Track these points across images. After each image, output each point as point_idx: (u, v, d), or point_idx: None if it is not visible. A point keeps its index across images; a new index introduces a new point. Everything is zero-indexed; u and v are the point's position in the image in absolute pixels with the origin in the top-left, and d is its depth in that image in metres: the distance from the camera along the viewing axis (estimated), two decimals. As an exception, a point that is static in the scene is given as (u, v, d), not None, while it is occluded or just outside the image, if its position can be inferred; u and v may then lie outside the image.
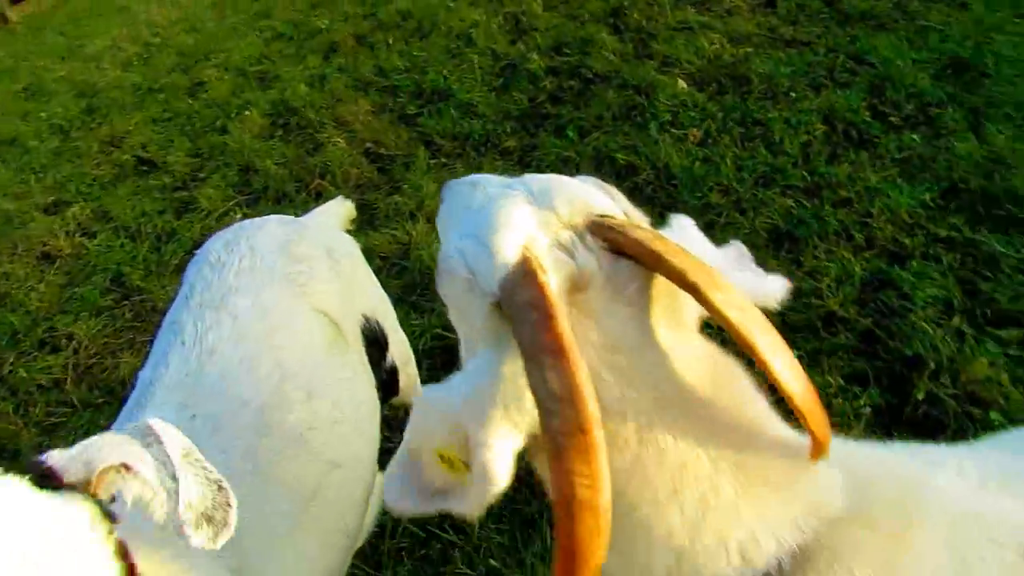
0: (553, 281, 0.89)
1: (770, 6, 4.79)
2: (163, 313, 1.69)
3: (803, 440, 0.97)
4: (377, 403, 1.91)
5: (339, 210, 2.40)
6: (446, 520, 2.35)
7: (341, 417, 1.65)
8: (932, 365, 2.42)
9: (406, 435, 0.96)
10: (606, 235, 0.92)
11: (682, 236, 1.11)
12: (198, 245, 4.17)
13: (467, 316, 0.98)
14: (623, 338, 0.91)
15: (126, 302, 3.85)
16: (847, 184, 3.28)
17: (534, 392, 0.82)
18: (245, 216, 4.15)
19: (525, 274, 0.88)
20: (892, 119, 3.61)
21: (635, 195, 3.55)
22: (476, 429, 0.89)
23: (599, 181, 1.09)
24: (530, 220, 0.95)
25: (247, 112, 5.18)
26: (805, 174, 3.41)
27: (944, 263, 2.80)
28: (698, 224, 3.42)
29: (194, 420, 1.36)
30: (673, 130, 3.86)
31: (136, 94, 6.38)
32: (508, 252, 0.91)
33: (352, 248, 2.01)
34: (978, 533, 0.99)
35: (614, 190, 1.09)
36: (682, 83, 4.20)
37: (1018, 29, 3.92)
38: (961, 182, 3.13)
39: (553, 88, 4.48)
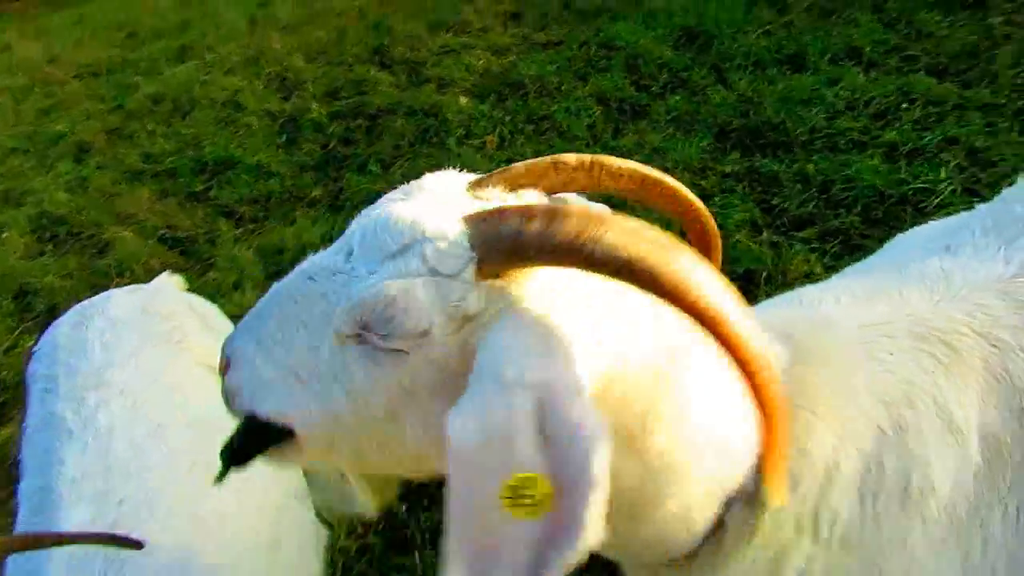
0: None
1: (516, 18, 5.17)
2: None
3: None
4: None
5: (170, 282, 2.24)
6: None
7: None
8: (763, 274, 2.75)
9: (453, 531, 0.75)
10: (479, 189, 0.96)
11: None
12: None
13: (449, 315, 0.85)
14: None
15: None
16: (637, 150, 3.62)
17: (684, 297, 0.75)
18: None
19: (507, 215, 0.81)
20: (653, 89, 4.05)
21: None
22: (547, 387, 0.75)
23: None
24: (430, 203, 0.91)
25: (4, 235, 4.58)
26: (599, 151, 3.70)
27: (739, 192, 3.18)
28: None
29: (122, 505, 1.20)
30: (470, 141, 4.02)
31: None
32: (453, 226, 0.85)
33: (210, 304, 1.88)
34: (876, 335, 1.16)
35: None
36: (463, 99, 4.39)
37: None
38: (726, 125, 3.58)
39: (341, 131, 4.47)
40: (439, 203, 0.92)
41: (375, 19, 5.54)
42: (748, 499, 1.05)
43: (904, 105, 3.33)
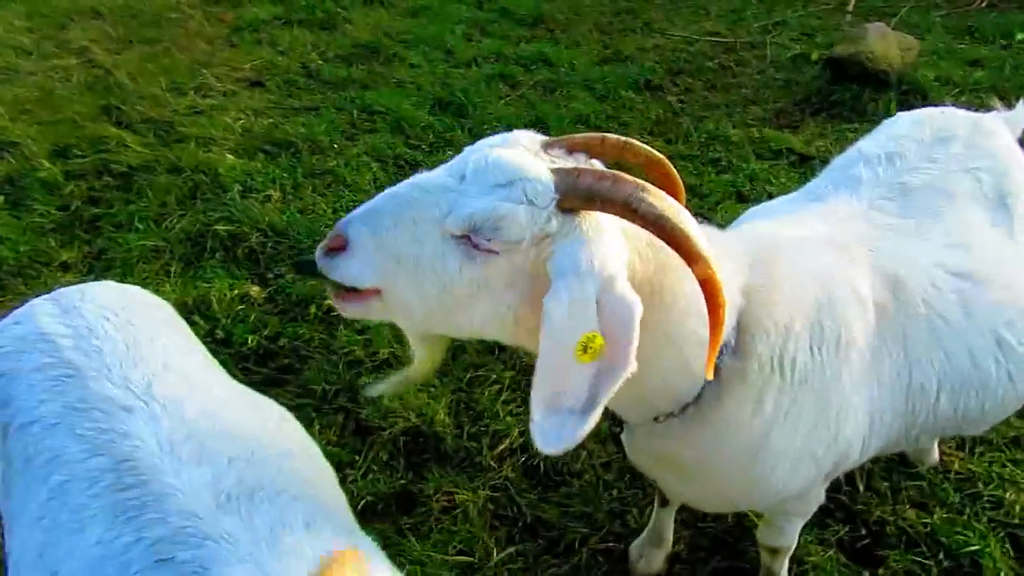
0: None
1: (260, 85, 5.20)
2: None
3: None
4: None
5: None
6: None
7: None
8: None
9: (539, 378, 1.16)
10: (549, 148, 1.32)
11: None
12: None
13: (535, 233, 1.20)
14: None
15: None
16: (427, 197, 3.94)
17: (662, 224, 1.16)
18: None
19: (583, 173, 1.21)
20: (423, 147, 4.44)
21: (252, 258, 3.55)
22: (604, 277, 1.15)
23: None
24: (524, 153, 1.26)
25: None
26: (392, 198, 3.95)
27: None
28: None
29: (233, 463, 1.14)
30: (253, 195, 3.93)
31: None
32: (545, 173, 1.21)
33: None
34: (804, 244, 1.65)
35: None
36: (230, 156, 4.27)
37: (469, 75, 5.25)
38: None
39: (83, 192, 4.00)
40: (530, 154, 1.28)
41: (91, 78, 5.08)
42: (733, 351, 1.43)
43: (634, 156, 4.21)
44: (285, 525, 1.04)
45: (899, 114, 2.06)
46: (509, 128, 4.65)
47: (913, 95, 4.58)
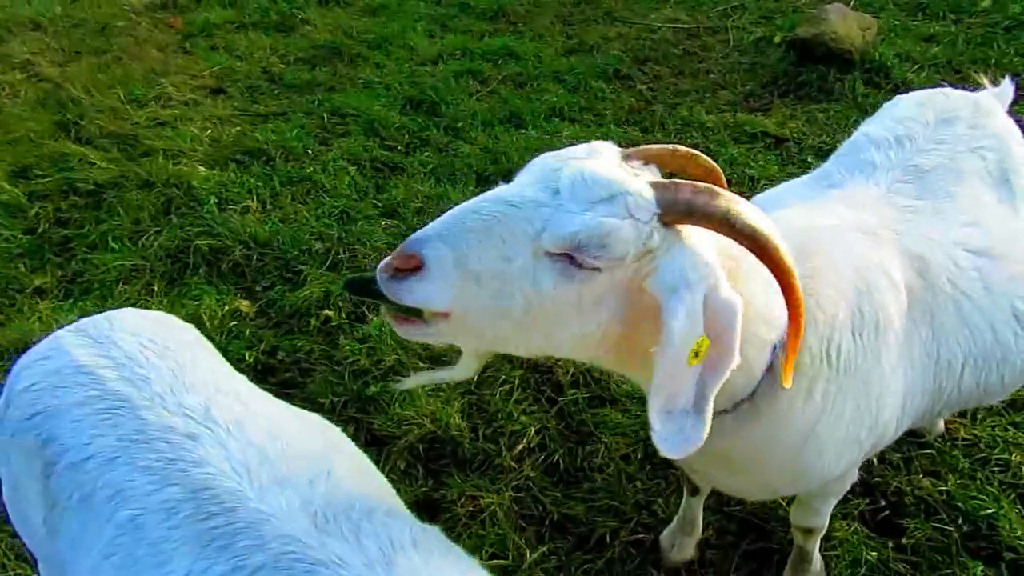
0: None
1: (221, 92, 5.06)
2: None
3: None
4: None
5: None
6: None
7: None
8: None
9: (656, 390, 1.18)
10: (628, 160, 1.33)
11: None
12: None
13: (638, 248, 1.20)
14: None
15: None
16: (410, 199, 3.90)
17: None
18: None
19: (681, 187, 1.21)
20: (399, 148, 4.38)
21: (236, 271, 3.47)
22: (710, 285, 1.19)
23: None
24: (613, 165, 1.26)
25: None
26: (375, 202, 3.90)
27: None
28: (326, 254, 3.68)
29: (315, 484, 1.11)
30: (231, 207, 3.83)
31: None
32: (644, 187, 1.21)
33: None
34: (836, 233, 1.68)
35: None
36: (201, 168, 4.15)
37: (437, 72, 5.19)
38: (483, 171, 4.08)
39: (49, 213, 3.84)
40: (618, 166, 1.27)
41: (41, 93, 4.88)
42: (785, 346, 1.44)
43: (612, 146, 4.22)
44: (395, 546, 1.01)
45: (899, 97, 2.10)
46: (485, 124, 4.66)
47: (876, 73, 4.69)
